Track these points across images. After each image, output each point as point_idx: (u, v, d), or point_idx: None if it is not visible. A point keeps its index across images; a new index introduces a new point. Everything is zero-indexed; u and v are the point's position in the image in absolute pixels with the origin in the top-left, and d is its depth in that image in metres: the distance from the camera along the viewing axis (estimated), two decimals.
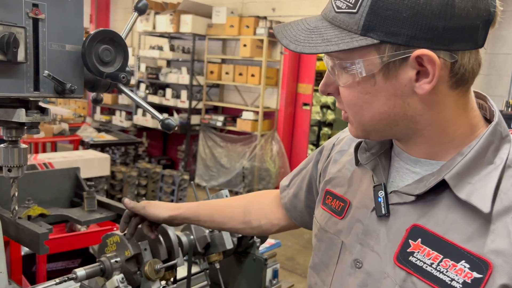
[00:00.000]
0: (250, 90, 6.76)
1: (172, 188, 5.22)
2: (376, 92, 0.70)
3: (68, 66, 0.87)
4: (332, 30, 0.69)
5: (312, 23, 0.72)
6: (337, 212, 0.89)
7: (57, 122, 5.46)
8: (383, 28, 0.64)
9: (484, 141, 0.70)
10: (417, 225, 0.72)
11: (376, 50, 0.66)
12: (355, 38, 0.66)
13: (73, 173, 1.70)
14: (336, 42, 0.67)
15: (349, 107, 0.74)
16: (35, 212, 1.43)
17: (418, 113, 0.70)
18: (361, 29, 0.65)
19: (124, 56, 0.93)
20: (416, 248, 0.70)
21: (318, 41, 0.68)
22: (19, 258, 2.07)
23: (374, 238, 0.77)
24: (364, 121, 0.74)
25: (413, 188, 0.73)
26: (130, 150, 6.78)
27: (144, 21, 7.03)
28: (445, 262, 0.66)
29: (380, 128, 0.74)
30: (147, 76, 7.29)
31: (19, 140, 0.91)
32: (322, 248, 0.91)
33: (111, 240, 1.16)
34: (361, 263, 0.79)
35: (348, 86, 0.72)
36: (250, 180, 6.37)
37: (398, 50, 0.65)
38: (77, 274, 1.07)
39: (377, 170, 0.81)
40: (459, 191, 0.68)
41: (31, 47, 0.82)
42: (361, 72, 0.69)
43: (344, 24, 0.67)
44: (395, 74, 0.67)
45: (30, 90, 0.83)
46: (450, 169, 0.69)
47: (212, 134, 6.84)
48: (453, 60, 0.65)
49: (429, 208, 0.72)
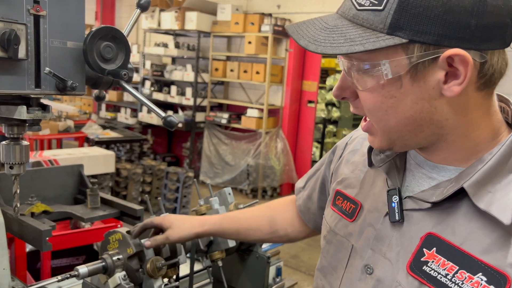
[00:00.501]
0: (255, 87, 6.75)
1: (176, 185, 5.22)
2: (402, 95, 0.65)
3: (70, 63, 0.87)
4: (354, 29, 0.64)
5: (330, 21, 0.67)
6: (348, 215, 0.86)
7: (63, 119, 5.48)
8: (412, 26, 0.60)
9: (507, 148, 0.66)
10: (432, 234, 0.69)
11: (403, 50, 0.62)
12: (381, 37, 0.61)
13: (77, 170, 1.70)
14: (361, 41, 0.62)
15: (372, 113, 0.69)
16: (39, 209, 1.43)
17: (444, 117, 0.66)
18: (387, 27, 0.61)
19: (125, 53, 0.92)
20: (431, 258, 0.67)
21: (341, 41, 0.63)
22: (23, 254, 2.09)
23: (387, 244, 0.75)
24: (389, 127, 0.69)
25: (429, 195, 0.70)
26: (135, 147, 6.80)
27: (149, 18, 7.03)
28: (461, 274, 0.64)
29: (406, 135, 0.69)
30: (152, 73, 7.30)
31: (21, 137, 0.90)
32: (331, 251, 0.88)
33: (114, 238, 1.16)
34: (372, 269, 0.76)
35: (371, 90, 0.67)
36: (254, 178, 6.36)
37: (427, 50, 0.61)
38: (79, 271, 1.07)
39: (391, 173, 0.78)
40: (478, 201, 0.64)
41: (32, 44, 0.81)
42: (387, 74, 0.64)
43: (368, 23, 0.63)
44: (423, 75, 0.63)
45: (32, 87, 0.82)
46: (469, 177, 0.66)
47: (216, 131, 6.84)
48: (483, 60, 0.62)
49: (445, 216, 0.68)
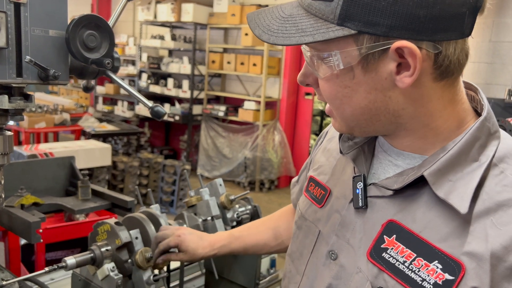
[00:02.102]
0: (252, 79, 6.73)
1: (173, 178, 5.22)
2: (356, 85, 0.66)
3: (52, 51, 0.85)
4: (307, 19, 0.64)
5: (287, 10, 0.68)
6: (318, 200, 0.86)
7: (59, 112, 5.46)
8: (361, 17, 0.60)
9: (470, 136, 0.65)
10: (393, 221, 0.69)
11: (354, 41, 0.62)
12: (331, 28, 0.61)
13: (68, 162, 1.69)
14: (311, 32, 0.62)
15: (329, 100, 0.71)
16: (28, 201, 1.43)
17: (400, 106, 0.66)
18: (337, 18, 0.61)
19: (110, 42, 0.90)
20: (391, 245, 0.68)
21: (292, 31, 0.64)
22: (17, 247, 2.08)
23: (350, 230, 0.75)
24: (345, 115, 0.70)
25: (392, 182, 0.70)
26: (132, 140, 6.78)
27: (145, 11, 6.99)
28: (418, 261, 0.64)
29: (363, 123, 0.70)
30: (148, 66, 7.27)
31: (4, 127, 0.89)
32: (300, 236, 0.89)
33: (102, 229, 1.15)
34: (336, 255, 0.76)
35: (327, 79, 0.68)
36: (252, 170, 6.36)
37: (377, 41, 0.61)
38: (67, 262, 1.07)
39: (358, 160, 0.78)
40: (438, 189, 0.64)
41: (13, 33, 0.80)
42: (338, 65, 0.64)
43: (320, 13, 0.63)
44: (374, 66, 0.63)
45: (13, 76, 0.81)
46: (430, 165, 0.65)
47: (214, 124, 6.83)
48: (437, 51, 0.61)
49: (407, 203, 0.68)
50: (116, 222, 1.15)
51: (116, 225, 1.14)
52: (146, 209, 1.25)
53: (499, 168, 0.64)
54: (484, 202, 0.62)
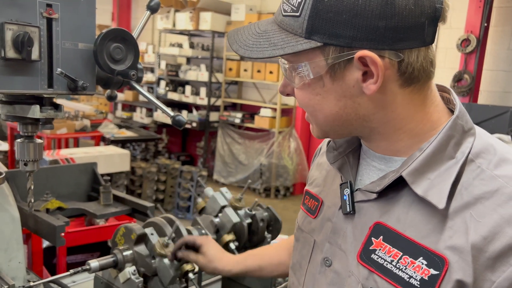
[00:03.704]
0: (268, 87, 6.76)
1: (190, 184, 5.27)
2: (326, 93, 0.70)
3: (81, 64, 0.90)
4: (279, 34, 0.69)
5: (262, 26, 0.73)
6: (312, 211, 0.89)
7: (79, 119, 5.58)
8: (325, 30, 0.64)
9: (443, 135, 0.68)
10: (379, 223, 0.71)
11: (321, 52, 0.66)
12: (300, 41, 0.66)
13: (90, 168, 1.75)
14: (282, 46, 0.67)
15: (304, 108, 0.75)
16: (53, 205, 1.48)
17: (370, 112, 0.70)
18: (305, 32, 0.66)
19: (134, 54, 0.95)
20: (378, 246, 0.70)
21: (266, 45, 0.69)
22: (40, 250, 2.14)
23: (342, 236, 0.77)
24: (319, 121, 0.74)
25: (375, 186, 0.73)
26: (150, 146, 6.88)
27: (164, 19, 7.11)
28: (405, 259, 0.66)
29: (336, 128, 0.74)
30: (167, 73, 7.37)
31: (35, 135, 0.94)
32: (299, 248, 0.91)
33: (119, 234, 1.18)
34: (330, 262, 0.79)
35: (300, 88, 0.72)
36: (267, 177, 6.38)
37: (341, 51, 0.65)
38: (91, 265, 1.11)
39: (344, 168, 0.82)
40: (417, 187, 0.67)
41: (45, 46, 0.84)
42: (308, 74, 0.69)
43: (290, 28, 0.68)
44: (341, 75, 0.67)
45: (44, 87, 0.86)
46: (408, 165, 0.69)
47: (230, 130, 6.88)
48: (399, 59, 0.65)
49: (390, 205, 0.71)
50: (131, 223, 1.18)
51: (129, 225, 1.17)
52: (166, 215, 1.28)
53: (475, 164, 0.67)
54: (462, 196, 0.65)
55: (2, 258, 1.12)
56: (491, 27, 4.67)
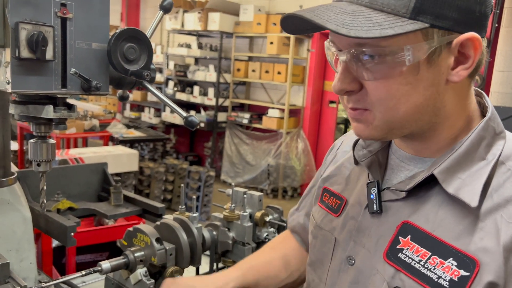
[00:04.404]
0: (276, 87, 6.75)
1: (198, 184, 5.27)
2: (417, 82, 0.64)
3: (94, 64, 0.89)
4: (376, 13, 0.61)
5: (346, 7, 0.63)
6: (334, 210, 0.88)
7: (88, 119, 5.60)
8: (433, 11, 0.60)
9: (476, 136, 0.68)
10: (407, 222, 0.71)
11: (423, 35, 0.62)
12: (406, 22, 0.60)
13: (101, 168, 1.75)
14: (389, 25, 0.59)
15: (382, 102, 0.66)
16: (64, 205, 1.48)
17: (442, 104, 0.68)
18: (410, 12, 0.60)
19: (148, 54, 0.94)
20: (406, 245, 0.69)
21: (369, 25, 0.60)
22: (50, 250, 2.15)
23: (367, 235, 0.77)
24: (396, 117, 0.67)
25: (404, 185, 0.72)
26: (158, 146, 6.89)
27: (173, 19, 7.12)
28: (433, 260, 0.66)
29: (407, 124, 0.68)
30: (175, 73, 7.39)
31: (48, 135, 0.94)
32: (317, 245, 0.91)
33: (142, 237, 1.17)
34: (353, 260, 0.78)
35: (386, 77, 0.64)
36: (275, 178, 6.37)
37: (443, 35, 0.62)
38: (102, 266, 1.10)
39: (373, 167, 0.80)
40: (448, 186, 0.66)
41: (59, 46, 0.84)
42: (409, 60, 0.62)
43: (389, 7, 0.61)
44: (437, 61, 0.64)
45: (58, 87, 0.85)
46: (439, 164, 0.68)
47: (238, 131, 6.87)
48: None
49: (420, 204, 0.70)
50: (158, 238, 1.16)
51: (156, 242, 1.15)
52: (178, 216, 1.28)
53: (506, 166, 0.67)
54: (493, 198, 0.64)
55: (13, 259, 1.12)
56: (502, 28, 4.62)
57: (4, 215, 1.10)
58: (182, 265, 1.18)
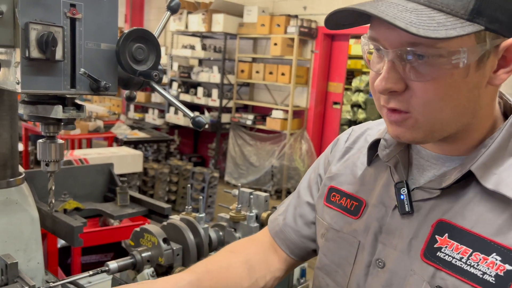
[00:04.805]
0: (280, 88, 6.75)
1: (202, 185, 5.28)
2: (464, 84, 0.64)
3: (103, 64, 0.90)
4: (436, 13, 0.60)
5: (403, 4, 0.62)
6: (351, 212, 0.86)
7: (92, 120, 5.62)
8: (488, 13, 0.60)
9: (506, 132, 0.69)
10: (443, 220, 0.70)
11: (475, 37, 0.62)
12: (465, 23, 0.59)
13: (107, 169, 1.75)
14: (452, 26, 0.58)
15: (429, 104, 0.65)
16: (71, 206, 1.48)
17: (480, 106, 0.68)
18: (468, 13, 0.59)
19: (156, 54, 0.94)
20: (444, 243, 0.69)
21: (434, 24, 0.58)
22: (55, 250, 2.16)
23: (397, 236, 0.76)
24: (439, 119, 0.66)
25: (436, 183, 0.72)
26: (162, 148, 6.90)
27: (177, 21, 7.14)
28: (475, 256, 0.65)
29: (448, 126, 0.68)
30: (179, 75, 7.40)
31: (56, 135, 0.94)
32: (333, 248, 0.88)
33: (149, 237, 1.17)
34: (383, 263, 0.77)
35: (436, 79, 0.63)
36: (278, 179, 6.36)
37: (494, 38, 0.62)
38: (110, 266, 1.10)
39: (397, 167, 0.80)
40: (486, 182, 0.66)
41: (68, 46, 0.84)
42: (464, 62, 0.61)
43: (448, 8, 0.60)
44: (485, 64, 0.64)
45: (67, 88, 0.85)
46: (475, 160, 0.68)
47: (242, 132, 6.88)
48: None
49: (454, 202, 0.70)
50: (165, 238, 1.16)
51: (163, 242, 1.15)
52: (184, 216, 1.28)
53: None
54: None
55: (21, 259, 1.12)
56: None
57: (12, 215, 1.11)
58: (189, 265, 1.18)
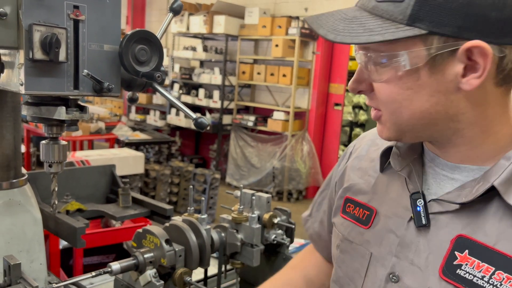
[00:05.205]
0: (282, 90, 6.75)
1: (203, 187, 5.28)
2: (419, 88, 0.65)
3: (106, 65, 0.90)
4: (374, 20, 0.64)
5: (349, 13, 0.68)
6: (362, 221, 0.84)
7: (94, 121, 5.63)
8: (432, 18, 0.60)
9: None
10: (463, 236, 0.67)
11: (422, 41, 0.62)
12: (401, 28, 0.62)
13: (109, 170, 1.75)
14: (380, 32, 0.62)
15: (386, 104, 0.69)
16: (73, 207, 1.49)
17: (461, 111, 0.66)
18: (407, 18, 0.61)
19: (159, 55, 0.94)
20: (464, 260, 0.65)
21: (360, 31, 0.64)
22: (57, 251, 2.16)
23: (413, 250, 0.73)
24: (401, 120, 0.69)
25: (455, 196, 0.69)
26: (163, 149, 6.91)
27: (178, 22, 7.15)
28: (498, 275, 0.62)
29: (418, 128, 0.69)
30: (180, 76, 7.41)
31: (59, 136, 0.94)
32: (347, 260, 0.86)
33: (151, 238, 1.17)
34: (397, 278, 0.74)
35: (387, 81, 0.67)
36: (280, 180, 6.36)
37: (446, 42, 0.61)
38: (112, 268, 1.10)
39: (411, 177, 0.77)
40: (510, 198, 0.63)
41: (72, 47, 0.84)
42: (405, 65, 0.64)
43: (388, 14, 0.63)
44: (441, 68, 0.63)
45: (70, 89, 0.86)
46: (498, 175, 0.64)
47: (243, 134, 6.88)
48: (502, 54, 0.61)
49: (474, 217, 0.67)
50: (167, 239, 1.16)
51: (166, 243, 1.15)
52: (187, 217, 1.28)
53: None
54: None
55: (24, 260, 1.13)
56: None
57: (15, 216, 1.11)
58: (191, 266, 1.18)
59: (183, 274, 1.15)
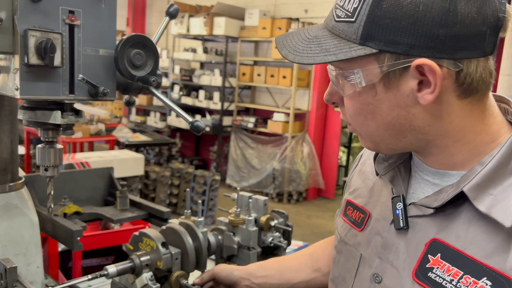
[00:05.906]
0: (282, 91, 6.76)
1: (203, 188, 5.28)
2: (378, 102, 0.68)
3: (102, 70, 0.90)
4: (331, 39, 0.68)
5: (313, 32, 0.72)
6: (357, 224, 0.86)
7: (94, 123, 5.64)
8: (382, 37, 0.62)
9: (507, 149, 0.65)
10: (436, 239, 0.68)
11: (376, 59, 0.65)
12: (354, 47, 0.64)
13: (107, 173, 1.76)
14: (334, 52, 0.66)
15: (353, 118, 0.73)
16: (71, 210, 1.49)
17: (426, 123, 0.67)
18: (359, 38, 0.64)
19: (154, 60, 0.95)
20: (436, 264, 0.67)
21: (317, 51, 0.67)
22: (56, 254, 2.16)
23: (393, 252, 0.75)
24: (370, 132, 0.72)
25: (431, 200, 0.70)
26: (163, 151, 6.91)
27: (178, 24, 7.16)
28: (466, 279, 0.63)
29: (388, 139, 0.71)
30: (181, 78, 7.42)
31: (55, 140, 0.95)
32: (341, 261, 0.89)
33: (148, 241, 1.17)
34: (380, 278, 0.76)
35: (350, 97, 0.70)
36: (280, 182, 6.36)
37: (398, 59, 0.63)
38: (109, 270, 1.11)
39: (395, 181, 0.79)
40: (479, 204, 0.64)
41: (67, 52, 0.85)
42: (360, 82, 0.67)
43: (343, 33, 0.66)
44: (396, 84, 0.66)
45: (66, 93, 0.86)
46: (469, 180, 0.66)
47: (243, 135, 6.88)
48: (457, 69, 0.62)
49: (449, 221, 0.68)
50: (164, 242, 1.16)
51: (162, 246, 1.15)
52: (183, 220, 1.28)
53: None
54: None
55: (21, 262, 1.13)
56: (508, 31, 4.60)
57: (12, 219, 1.11)
58: (187, 269, 1.19)
59: (180, 277, 1.15)
